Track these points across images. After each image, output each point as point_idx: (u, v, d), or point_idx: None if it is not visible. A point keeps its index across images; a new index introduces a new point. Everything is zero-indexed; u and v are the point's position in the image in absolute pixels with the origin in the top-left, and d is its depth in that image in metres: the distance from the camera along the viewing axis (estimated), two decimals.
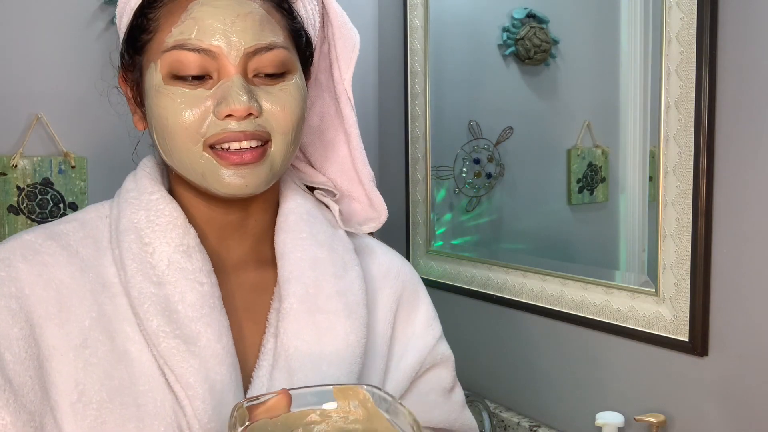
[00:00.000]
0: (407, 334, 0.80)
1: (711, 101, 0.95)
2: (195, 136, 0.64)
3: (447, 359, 0.83)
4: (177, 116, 0.64)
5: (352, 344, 0.70)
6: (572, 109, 1.33)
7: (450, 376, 0.84)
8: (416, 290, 0.83)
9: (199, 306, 0.66)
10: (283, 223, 0.75)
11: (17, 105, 1.25)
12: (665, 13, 0.99)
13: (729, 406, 0.97)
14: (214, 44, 0.63)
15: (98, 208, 0.73)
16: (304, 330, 0.69)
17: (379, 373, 0.75)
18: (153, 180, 0.72)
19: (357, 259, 0.76)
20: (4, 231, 1.23)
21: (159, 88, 0.65)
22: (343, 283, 0.73)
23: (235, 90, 0.63)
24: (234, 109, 0.62)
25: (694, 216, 0.98)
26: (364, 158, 0.80)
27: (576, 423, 1.21)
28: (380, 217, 0.82)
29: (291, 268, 0.72)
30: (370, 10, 1.67)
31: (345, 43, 0.76)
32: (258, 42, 0.64)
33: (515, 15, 1.36)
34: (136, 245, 0.67)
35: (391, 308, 0.79)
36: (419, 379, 0.81)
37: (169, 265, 0.67)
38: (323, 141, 0.81)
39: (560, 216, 1.36)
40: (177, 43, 0.64)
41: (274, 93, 0.66)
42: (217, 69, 0.64)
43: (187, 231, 0.69)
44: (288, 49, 0.67)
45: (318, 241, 0.74)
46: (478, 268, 1.40)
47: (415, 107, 1.54)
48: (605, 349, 1.15)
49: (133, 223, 0.68)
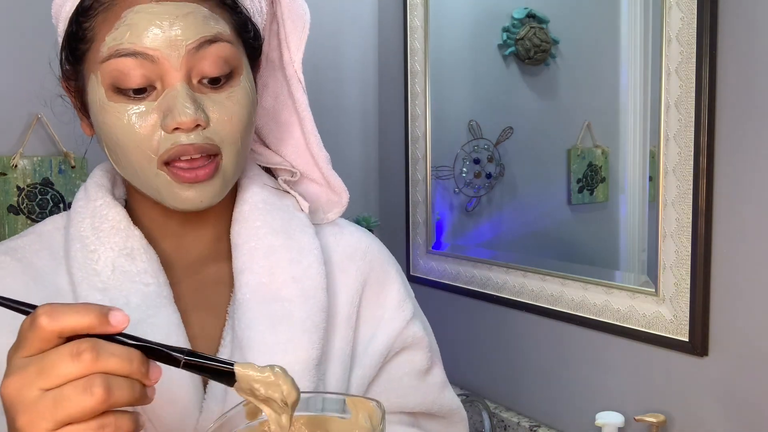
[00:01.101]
0: (376, 316, 0.78)
1: (711, 101, 0.95)
2: (148, 154, 0.63)
3: (420, 340, 0.80)
4: (127, 134, 0.62)
5: (309, 330, 0.69)
6: (572, 109, 1.33)
7: (424, 358, 0.80)
8: (386, 270, 0.80)
9: (144, 307, 0.65)
10: (238, 214, 0.74)
11: (17, 105, 1.25)
12: (665, 13, 0.99)
13: (729, 406, 0.97)
14: (150, 47, 0.61)
15: (55, 219, 0.73)
16: (257, 319, 0.68)
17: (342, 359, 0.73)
18: (99, 187, 0.71)
19: (316, 242, 0.74)
20: (4, 231, 1.23)
21: (103, 105, 0.63)
22: (299, 268, 0.72)
23: (181, 101, 0.61)
24: (181, 122, 0.61)
25: (694, 216, 0.98)
26: (319, 141, 0.78)
27: (576, 423, 1.21)
28: (341, 200, 0.80)
29: (244, 258, 0.71)
30: (370, 10, 1.67)
31: (294, 22, 0.73)
32: (202, 35, 0.62)
33: (515, 15, 1.36)
34: (81, 253, 0.67)
35: (356, 290, 0.76)
36: (389, 363, 0.79)
37: (114, 269, 0.67)
38: (278, 122, 0.80)
39: (560, 216, 1.36)
40: (111, 50, 0.61)
41: (220, 102, 0.64)
42: (160, 77, 0.62)
43: (131, 233, 0.69)
44: (233, 44, 0.65)
45: (273, 229, 0.73)
46: (478, 268, 1.40)
47: (415, 107, 1.54)
48: (605, 349, 1.15)
49: (79, 231, 0.68)
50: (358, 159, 1.68)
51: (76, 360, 0.44)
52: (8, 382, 0.45)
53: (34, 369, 0.44)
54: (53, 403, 0.43)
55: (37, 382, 0.44)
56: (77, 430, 0.44)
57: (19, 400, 0.44)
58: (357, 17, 1.66)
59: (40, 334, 0.45)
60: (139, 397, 0.46)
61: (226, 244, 0.75)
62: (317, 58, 1.61)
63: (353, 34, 1.66)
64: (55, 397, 0.44)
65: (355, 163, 1.68)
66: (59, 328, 0.45)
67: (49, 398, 0.44)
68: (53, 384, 0.44)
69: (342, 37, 1.64)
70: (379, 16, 1.68)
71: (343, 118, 1.66)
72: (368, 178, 1.70)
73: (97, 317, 0.46)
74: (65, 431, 0.44)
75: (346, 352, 0.74)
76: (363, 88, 1.68)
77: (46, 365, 0.44)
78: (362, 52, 1.68)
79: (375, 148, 1.71)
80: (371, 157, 1.71)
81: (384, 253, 0.82)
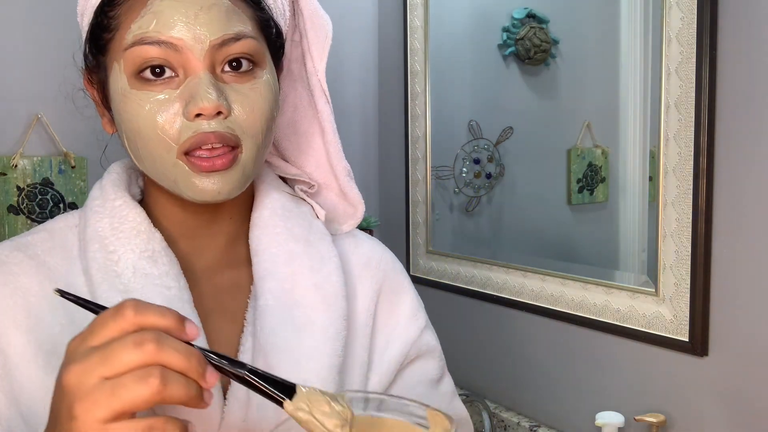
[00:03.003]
0: (390, 324, 0.78)
1: (711, 101, 0.95)
2: (168, 143, 0.62)
3: (433, 350, 0.81)
4: (148, 123, 0.62)
5: (332, 337, 0.69)
6: (572, 109, 1.33)
7: (437, 367, 0.82)
8: (399, 280, 0.81)
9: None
10: (258, 219, 0.74)
11: (17, 105, 1.25)
12: (665, 13, 0.99)
13: (729, 406, 0.97)
14: (175, 36, 0.61)
15: (67, 217, 0.73)
16: (280, 326, 0.68)
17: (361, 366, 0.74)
18: (116, 186, 0.71)
19: (335, 251, 0.75)
20: (4, 231, 1.23)
21: (125, 92, 0.63)
22: (320, 275, 0.72)
23: (203, 87, 0.61)
24: (203, 108, 0.60)
25: (694, 216, 0.98)
26: (340, 152, 0.78)
27: (576, 423, 1.21)
28: (357, 213, 0.81)
29: (265, 264, 0.71)
30: (370, 10, 1.67)
31: (317, 32, 0.74)
32: (225, 32, 0.62)
33: (515, 15, 1.36)
34: (101, 254, 0.66)
35: (372, 298, 0.77)
36: (404, 371, 0.79)
37: (135, 272, 0.66)
38: (297, 133, 0.79)
39: (560, 216, 1.36)
40: (136, 38, 0.61)
41: (244, 92, 0.64)
42: (183, 65, 0.62)
43: (152, 236, 0.68)
44: (257, 40, 0.65)
45: (293, 236, 0.73)
46: (478, 268, 1.40)
47: (415, 107, 1.55)
48: (605, 349, 1.15)
49: (97, 231, 0.68)
50: (358, 159, 1.68)
51: (139, 349, 0.45)
52: (70, 368, 0.46)
53: (97, 357, 0.46)
54: (111, 391, 0.44)
55: (98, 370, 0.45)
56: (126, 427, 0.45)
57: (78, 387, 0.45)
58: (357, 17, 1.66)
59: (121, 324, 0.47)
60: (194, 396, 0.47)
61: (243, 248, 0.74)
62: None
63: (353, 33, 1.66)
64: (114, 385, 0.45)
65: (355, 163, 1.66)
66: (142, 321, 0.47)
67: (108, 386, 0.45)
68: (114, 372, 0.45)
69: (342, 37, 1.64)
70: (379, 16, 1.68)
71: (343, 118, 1.66)
72: (368, 178, 1.70)
73: (176, 322, 0.48)
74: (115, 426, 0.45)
75: (363, 360, 0.74)
76: (363, 88, 1.68)
77: (109, 353, 0.45)
78: (362, 52, 1.68)
79: (375, 148, 1.71)
80: (371, 157, 1.71)
81: (396, 264, 0.83)
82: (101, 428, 0.44)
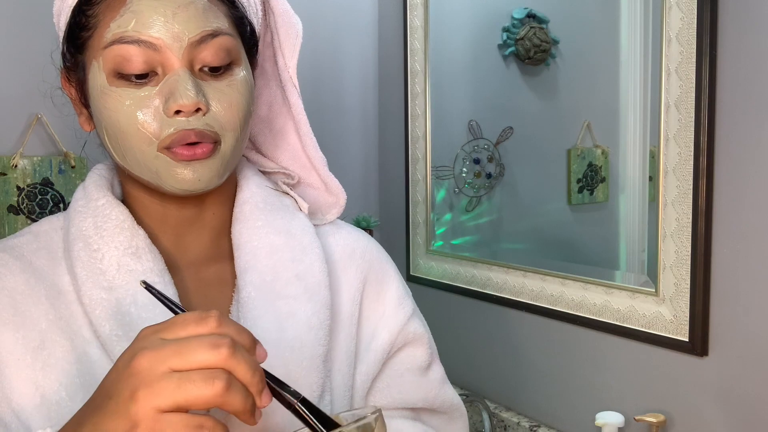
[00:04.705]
0: (377, 313, 0.79)
1: (711, 101, 0.95)
2: (149, 137, 0.63)
3: (420, 337, 0.82)
4: (129, 119, 0.63)
5: (315, 327, 0.70)
6: (572, 109, 1.33)
7: (425, 354, 0.82)
8: (384, 269, 0.82)
9: (151, 306, 0.66)
10: (239, 213, 0.75)
11: (17, 105, 1.25)
12: (665, 13, 0.99)
13: (729, 406, 0.97)
14: (154, 36, 0.62)
15: (52, 220, 0.74)
16: (263, 318, 0.69)
17: (348, 355, 0.75)
18: (99, 186, 0.72)
19: (317, 242, 0.76)
20: (4, 231, 1.23)
21: (104, 90, 0.64)
22: (302, 266, 0.73)
23: (183, 84, 0.62)
24: (182, 105, 0.62)
25: (694, 216, 0.98)
26: (315, 144, 0.80)
27: (576, 423, 1.21)
28: (339, 202, 0.82)
29: (247, 258, 0.72)
30: (370, 10, 1.67)
31: (288, 30, 0.76)
32: (203, 29, 0.63)
33: (515, 15, 1.36)
34: (85, 253, 0.67)
35: (357, 288, 0.78)
36: (391, 360, 0.80)
37: (119, 268, 0.67)
38: (272, 130, 0.81)
39: (560, 216, 1.36)
40: (115, 37, 0.62)
41: (221, 89, 0.65)
42: (162, 63, 0.63)
43: (135, 233, 0.69)
44: (233, 37, 0.67)
45: (275, 228, 0.74)
46: (478, 268, 1.40)
47: (415, 107, 1.55)
48: (605, 349, 1.15)
49: (81, 231, 0.68)
50: (358, 159, 1.68)
51: (214, 350, 0.47)
52: (144, 353, 0.48)
53: (172, 348, 0.47)
54: (177, 384, 0.46)
55: (170, 361, 0.47)
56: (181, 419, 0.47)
57: (147, 373, 0.47)
58: (357, 17, 1.66)
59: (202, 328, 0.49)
60: (248, 409, 0.49)
61: (226, 243, 0.75)
62: (317, 58, 1.61)
63: (353, 33, 1.66)
64: (181, 378, 0.47)
65: (355, 163, 1.68)
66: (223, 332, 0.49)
67: (175, 378, 0.47)
68: (184, 366, 0.47)
69: (342, 37, 1.64)
70: (379, 16, 1.68)
71: (343, 117, 1.66)
72: (368, 178, 1.70)
73: (250, 341, 0.51)
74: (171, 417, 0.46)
75: (350, 349, 0.75)
76: (363, 88, 1.68)
77: (185, 348, 0.47)
78: (362, 52, 1.68)
79: (375, 148, 1.71)
80: (371, 157, 1.71)
81: (381, 253, 0.84)
82: (157, 416, 0.46)
